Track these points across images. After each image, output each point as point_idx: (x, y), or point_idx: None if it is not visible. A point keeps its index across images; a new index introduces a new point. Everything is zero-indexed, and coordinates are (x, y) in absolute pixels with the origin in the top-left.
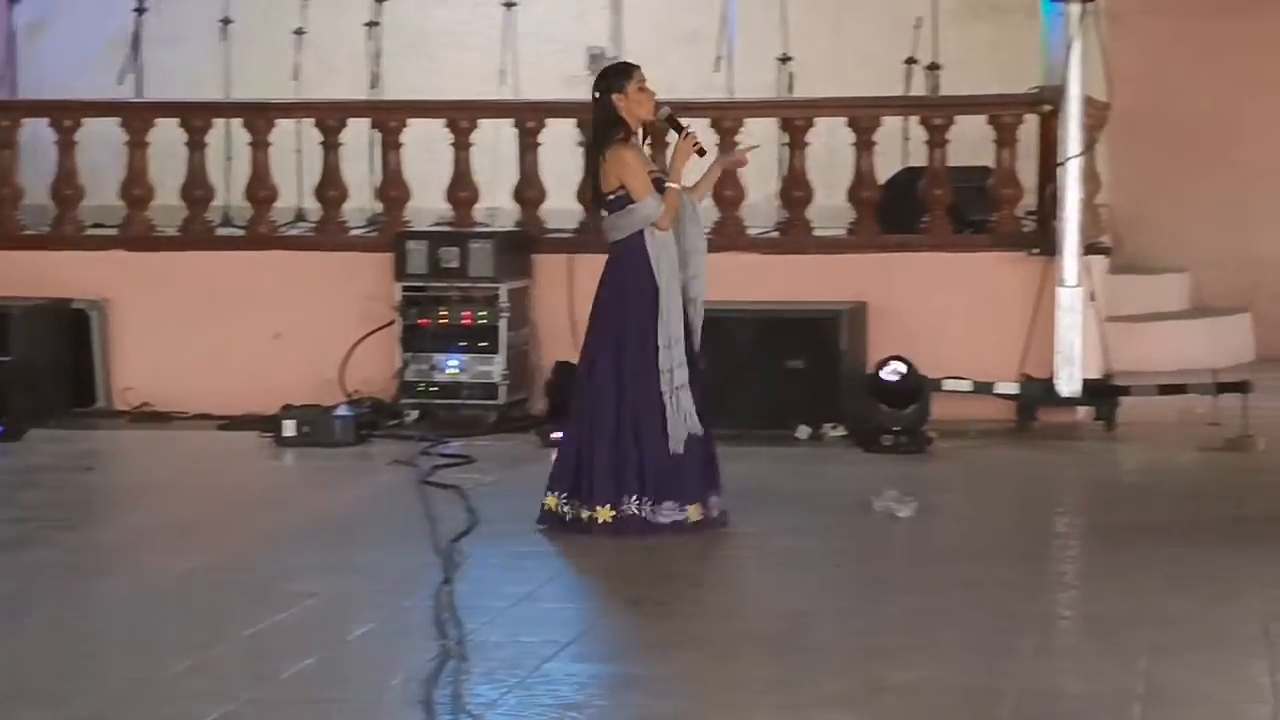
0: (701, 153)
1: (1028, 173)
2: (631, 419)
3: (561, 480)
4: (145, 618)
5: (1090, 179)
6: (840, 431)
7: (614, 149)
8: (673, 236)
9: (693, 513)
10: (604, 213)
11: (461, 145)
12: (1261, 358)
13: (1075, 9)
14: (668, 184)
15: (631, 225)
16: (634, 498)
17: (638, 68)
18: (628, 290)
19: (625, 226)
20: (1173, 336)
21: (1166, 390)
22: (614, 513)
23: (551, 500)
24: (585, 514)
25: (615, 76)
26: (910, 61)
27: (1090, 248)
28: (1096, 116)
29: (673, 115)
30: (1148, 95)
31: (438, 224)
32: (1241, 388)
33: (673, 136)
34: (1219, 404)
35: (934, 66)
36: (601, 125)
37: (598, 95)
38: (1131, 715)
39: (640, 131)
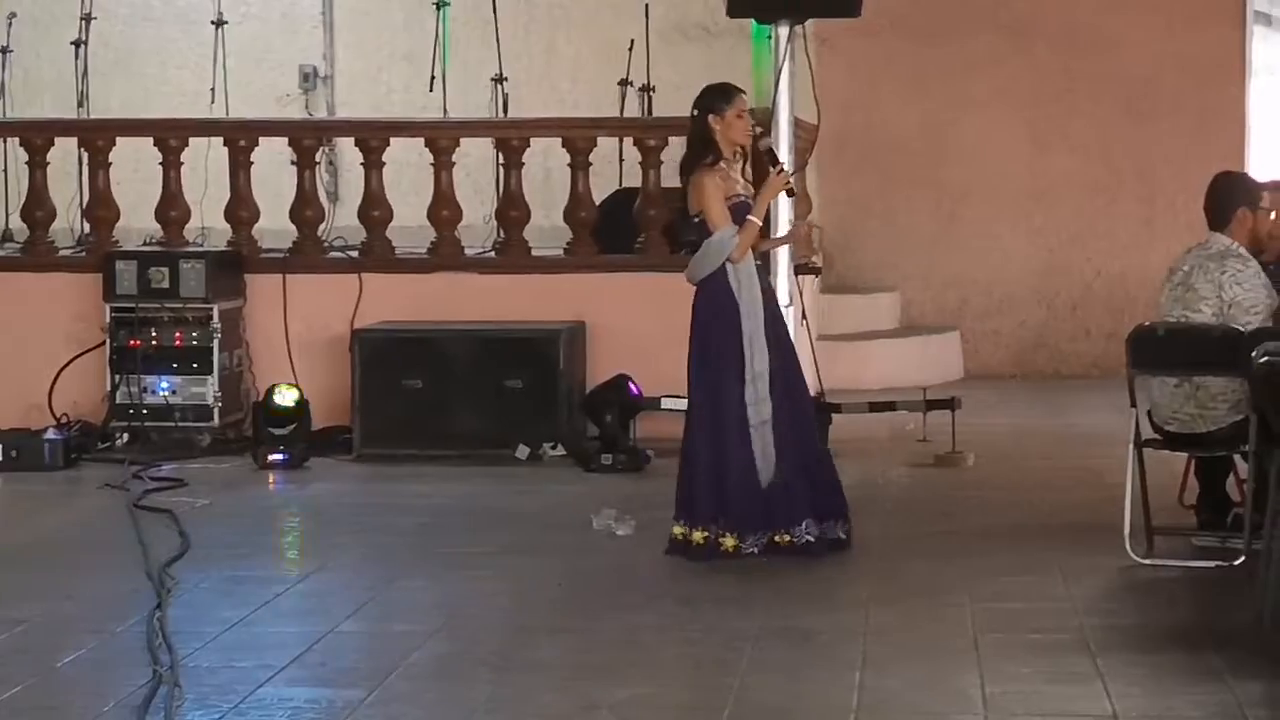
0: (791, 193)
1: None
2: (717, 451)
3: (679, 507)
4: None
5: (801, 200)
6: (559, 451)
7: (697, 174)
8: (754, 269)
9: (776, 539)
10: (690, 238)
11: (171, 164)
12: (969, 375)
13: (784, 31)
14: (749, 217)
15: (708, 264)
16: (713, 524)
17: (741, 93)
18: (715, 326)
19: (703, 267)
20: (883, 355)
21: (876, 407)
22: (705, 534)
23: (676, 529)
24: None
25: (715, 97)
26: (624, 83)
27: (800, 267)
28: (806, 138)
29: (772, 149)
30: (857, 117)
31: (148, 244)
32: (950, 404)
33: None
34: (928, 421)
35: (647, 88)
36: (694, 145)
37: (695, 113)
38: None
39: (735, 155)
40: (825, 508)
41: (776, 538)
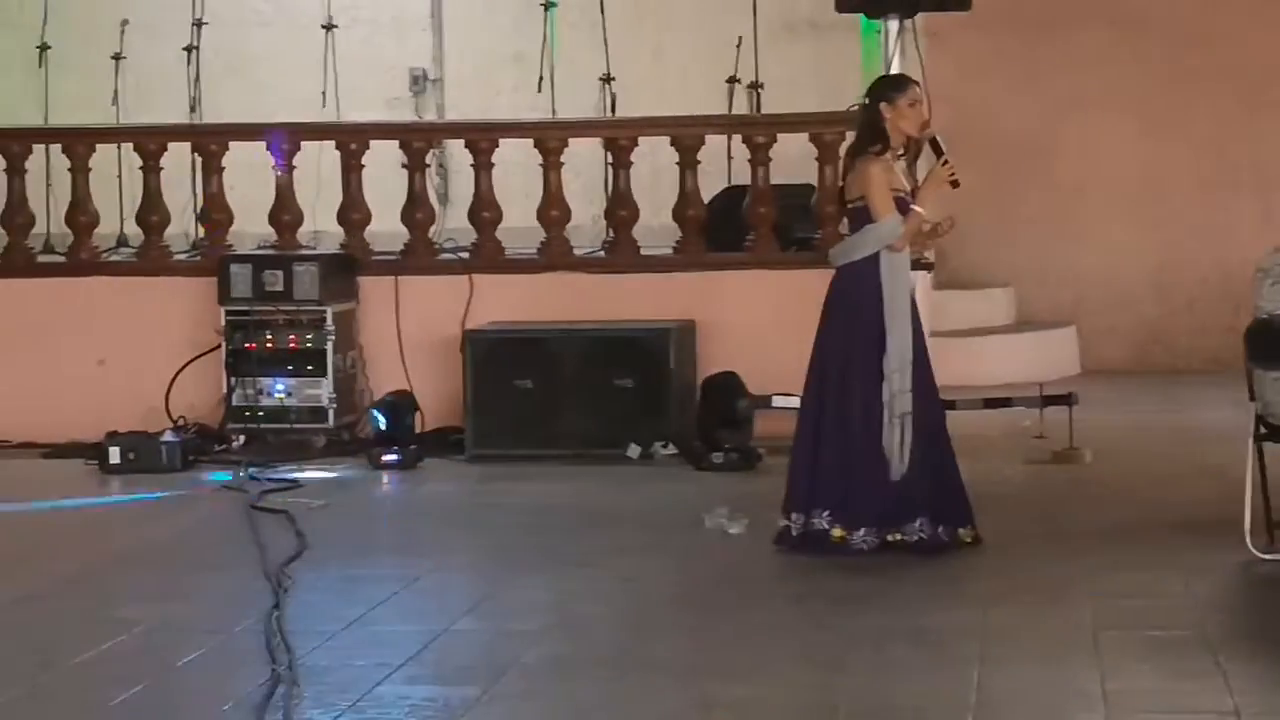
0: (955, 185)
1: None
2: (844, 441)
3: (791, 499)
4: None
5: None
6: (670, 449)
7: (863, 160)
8: (908, 260)
9: (889, 536)
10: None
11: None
12: (1086, 371)
13: (894, 26)
14: (913, 206)
15: (866, 246)
16: (828, 514)
17: (915, 83)
18: (855, 314)
19: (860, 247)
20: (998, 351)
21: (992, 404)
22: (802, 526)
23: (786, 520)
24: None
25: (888, 87)
26: (732, 80)
27: (914, 264)
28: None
29: (936, 139)
30: (968, 112)
31: (261, 247)
32: (1067, 400)
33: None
34: (1045, 417)
35: (756, 85)
36: (863, 133)
37: (866, 101)
38: None
39: (902, 148)
40: (946, 513)
41: (889, 535)
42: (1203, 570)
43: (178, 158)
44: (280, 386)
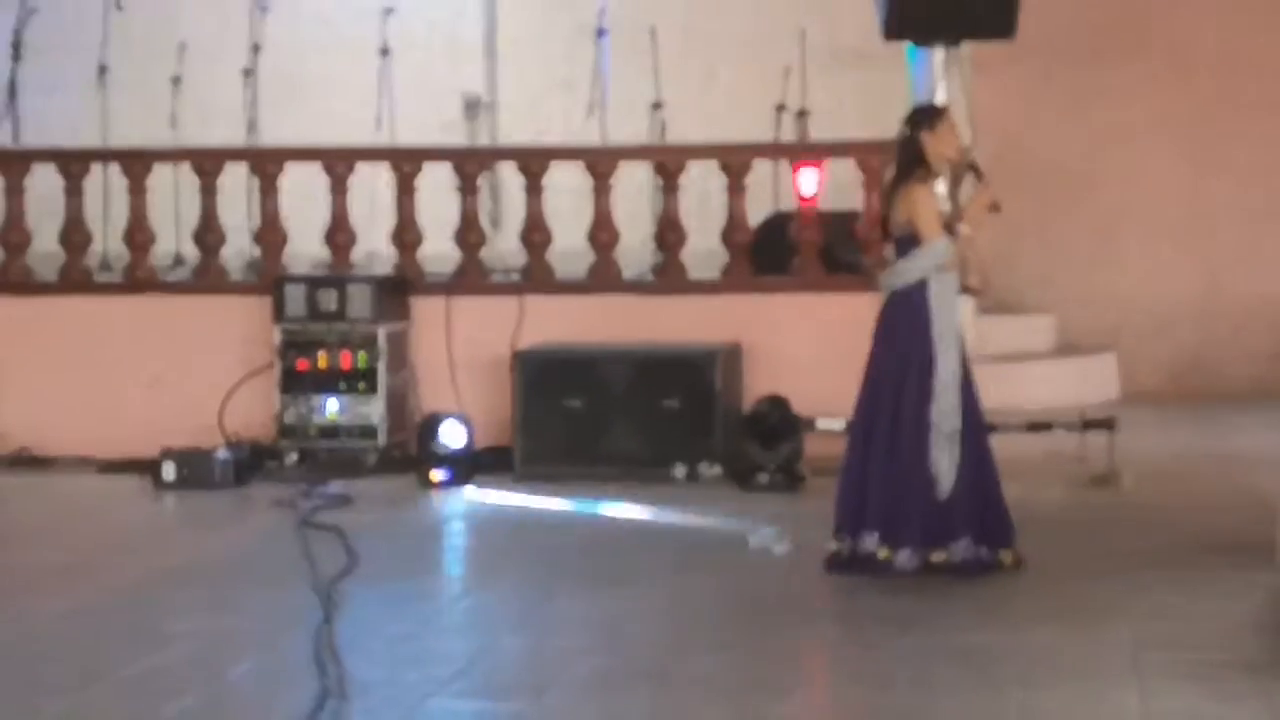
0: (996, 209)
1: None
2: (894, 462)
3: (842, 520)
4: (23, 659)
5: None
6: (716, 470)
7: (909, 185)
8: (955, 281)
9: (933, 557)
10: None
11: (338, 190)
12: (1126, 396)
13: (939, 56)
14: (960, 226)
15: (917, 270)
16: (875, 534)
17: (948, 109)
18: (905, 337)
19: (910, 272)
20: (1040, 376)
21: (1033, 428)
22: (850, 549)
23: (835, 544)
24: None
25: (927, 114)
26: (780, 108)
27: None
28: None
29: (975, 162)
30: (1012, 140)
31: (315, 268)
32: (1107, 425)
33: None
34: (1086, 441)
35: (803, 113)
36: (905, 162)
37: (906, 131)
38: None
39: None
40: (989, 534)
41: (933, 555)
42: (1242, 593)
43: (234, 179)
44: (333, 404)
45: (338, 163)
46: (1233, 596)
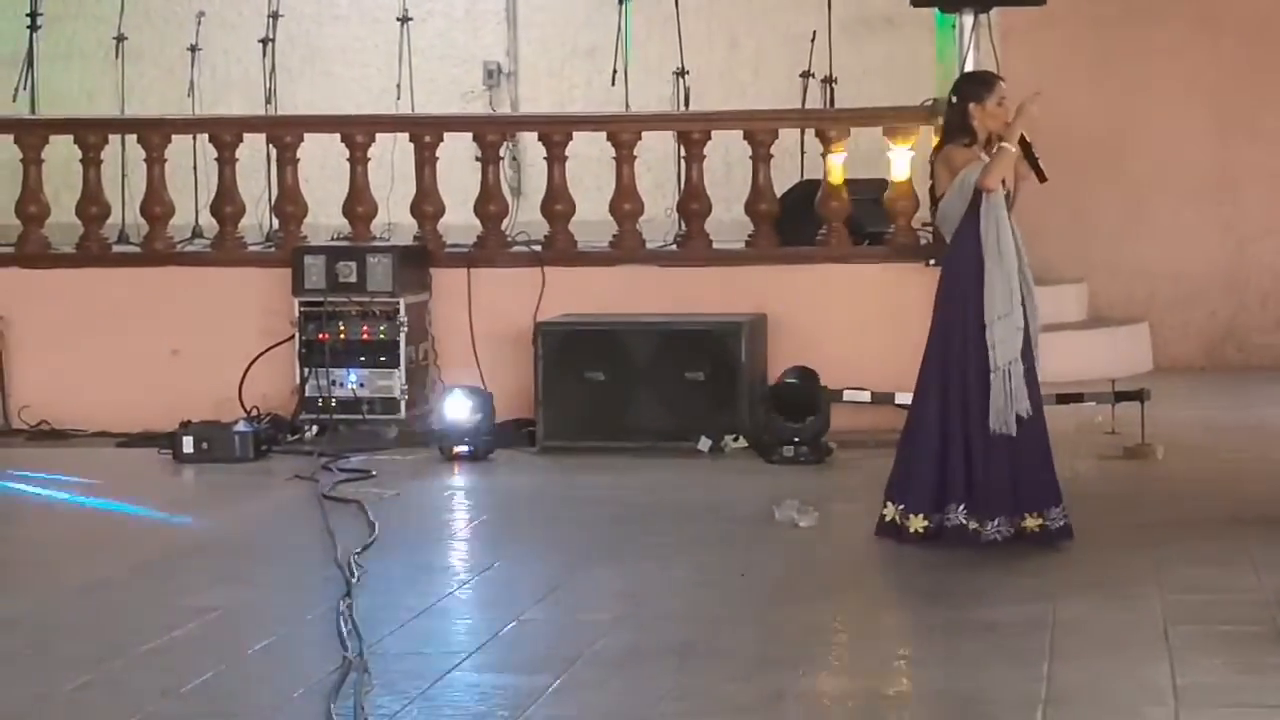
0: (1043, 179)
1: (923, 184)
2: (969, 433)
3: (891, 489)
4: (43, 632)
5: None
6: (741, 443)
7: (947, 149)
8: (1004, 205)
9: (1011, 525)
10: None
11: (358, 160)
12: (1159, 367)
13: (968, 21)
14: (1001, 143)
15: (958, 202)
16: (960, 507)
17: (1001, 80)
18: (966, 300)
19: (954, 206)
20: (1071, 347)
21: (1064, 399)
22: (926, 523)
23: (889, 510)
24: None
25: (976, 85)
26: (806, 75)
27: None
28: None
29: (1024, 137)
30: (1042, 107)
31: (335, 239)
32: (1139, 396)
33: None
34: (1117, 413)
35: (830, 80)
36: (951, 131)
37: (954, 100)
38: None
39: (985, 145)
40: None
41: (1025, 520)
42: (1274, 565)
43: (253, 149)
44: (353, 377)
45: (357, 132)
46: (1265, 568)
